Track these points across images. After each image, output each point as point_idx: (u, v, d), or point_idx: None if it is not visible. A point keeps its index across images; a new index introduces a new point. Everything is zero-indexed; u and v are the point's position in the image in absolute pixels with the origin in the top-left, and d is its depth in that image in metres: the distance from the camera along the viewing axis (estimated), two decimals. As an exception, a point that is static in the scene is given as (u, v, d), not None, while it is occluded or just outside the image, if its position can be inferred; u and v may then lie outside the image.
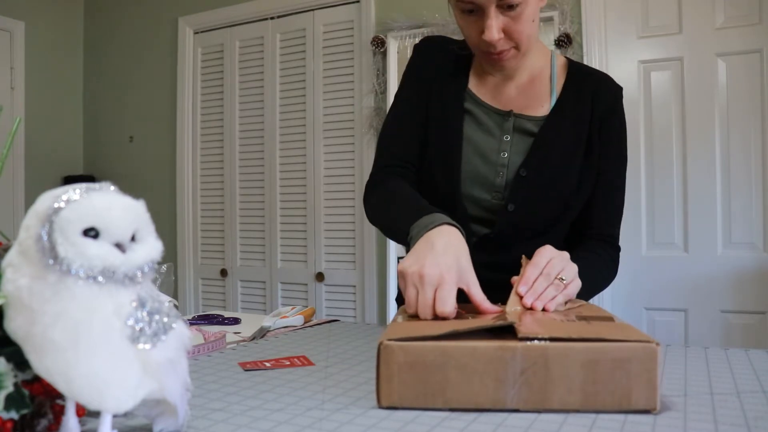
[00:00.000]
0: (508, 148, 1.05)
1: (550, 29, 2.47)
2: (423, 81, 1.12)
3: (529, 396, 0.61)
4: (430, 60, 1.13)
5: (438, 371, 0.62)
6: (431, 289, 0.77)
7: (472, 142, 1.07)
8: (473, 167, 1.06)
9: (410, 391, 0.62)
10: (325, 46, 3.00)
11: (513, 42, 0.98)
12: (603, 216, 1.08)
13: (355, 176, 2.92)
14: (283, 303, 3.08)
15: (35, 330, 0.44)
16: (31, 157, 3.43)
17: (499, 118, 1.07)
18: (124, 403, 0.47)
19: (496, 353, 0.61)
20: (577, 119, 1.06)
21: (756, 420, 0.58)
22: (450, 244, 0.82)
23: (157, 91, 3.47)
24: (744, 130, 2.28)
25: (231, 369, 0.82)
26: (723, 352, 0.88)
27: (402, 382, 0.62)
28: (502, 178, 1.04)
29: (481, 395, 0.61)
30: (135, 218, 0.48)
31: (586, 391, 0.60)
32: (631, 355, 0.60)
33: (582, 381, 0.60)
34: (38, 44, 3.49)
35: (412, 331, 0.66)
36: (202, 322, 1.24)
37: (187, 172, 3.36)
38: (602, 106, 1.06)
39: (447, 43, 1.16)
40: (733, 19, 2.29)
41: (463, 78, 1.11)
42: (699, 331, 2.31)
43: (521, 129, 1.06)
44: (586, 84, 1.08)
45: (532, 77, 1.09)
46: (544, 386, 0.61)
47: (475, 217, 1.07)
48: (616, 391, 0.60)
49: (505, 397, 0.61)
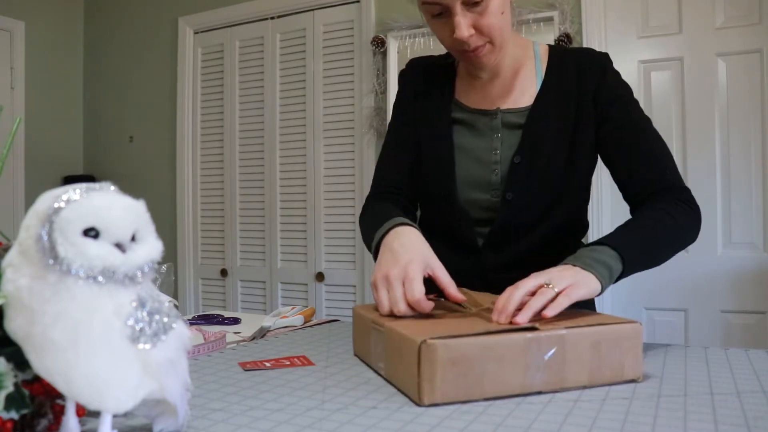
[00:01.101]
0: (499, 145, 1.07)
1: (550, 29, 2.47)
2: (409, 103, 1.16)
3: (550, 378, 0.68)
4: (414, 82, 1.17)
5: (478, 365, 0.65)
6: (399, 285, 0.82)
7: (463, 148, 1.09)
8: (469, 172, 1.07)
9: (452, 386, 0.65)
10: (325, 46, 3.00)
11: (486, 37, 0.98)
12: (646, 170, 1.01)
13: (355, 176, 2.92)
14: (283, 303, 3.08)
15: (35, 330, 0.44)
16: (31, 157, 3.43)
17: (486, 119, 1.08)
18: (124, 403, 0.47)
19: (527, 343, 0.68)
20: (564, 97, 1.05)
21: (756, 420, 0.58)
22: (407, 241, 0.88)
23: (157, 91, 3.46)
24: (744, 130, 2.28)
25: (231, 369, 0.82)
26: (723, 352, 0.88)
27: (444, 379, 0.64)
28: (498, 175, 1.06)
29: (514, 383, 0.67)
30: (135, 218, 0.48)
31: (592, 368, 0.70)
32: (624, 334, 0.72)
33: (590, 360, 0.70)
34: (38, 44, 3.49)
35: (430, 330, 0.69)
36: (202, 322, 1.24)
37: (187, 172, 3.36)
38: (591, 77, 1.05)
39: (429, 60, 1.19)
40: (733, 19, 2.29)
41: (449, 89, 1.13)
42: (699, 331, 2.31)
43: (509, 123, 1.07)
44: (568, 62, 1.08)
45: (516, 70, 1.09)
46: (562, 368, 0.69)
47: (478, 219, 1.08)
48: (613, 365, 0.71)
49: (532, 381, 0.68)
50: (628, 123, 1.03)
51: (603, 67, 1.06)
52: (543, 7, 2.47)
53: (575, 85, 1.06)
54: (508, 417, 0.60)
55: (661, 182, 1.00)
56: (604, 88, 1.05)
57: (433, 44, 2.65)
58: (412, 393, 0.66)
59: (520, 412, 0.62)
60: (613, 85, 1.06)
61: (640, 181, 1.01)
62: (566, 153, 1.05)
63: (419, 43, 2.70)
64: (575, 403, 0.65)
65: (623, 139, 1.03)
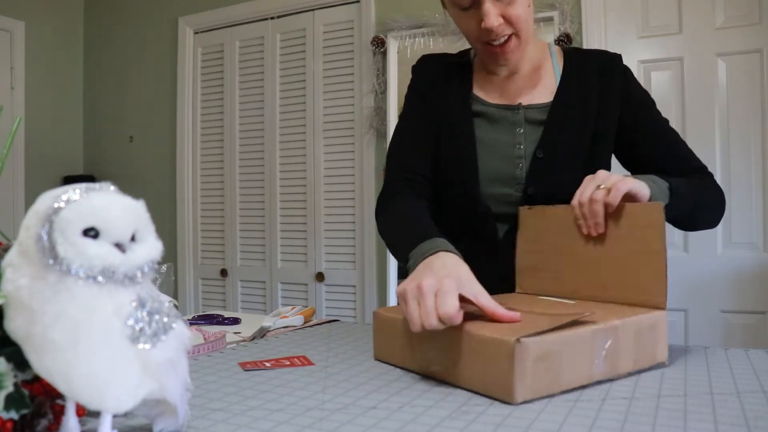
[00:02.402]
0: (523, 140, 1.07)
1: (550, 29, 2.47)
2: (425, 96, 1.14)
3: (606, 368, 0.72)
4: (429, 75, 1.16)
5: (558, 359, 0.68)
6: (431, 296, 0.74)
7: (486, 142, 1.09)
8: (492, 167, 1.08)
9: (539, 382, 0.66)
10: (325, 46, 3.00)
11: (512, 28, 1.00)
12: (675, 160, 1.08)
13: (355, 176, 2.92)
14: (283, 303, 3.08)
15: (35, 330, 0.44)
16: (31, 157, 3.43)
17: (509, 113, 1.09)
18: (124, 403, 0.47)
19: (593, 335, 0.71)
20: (583, 95, 1.08)
21: (756, 420, 0.58)
22: (447, 264, 0.81)
23: (157, 91, 3.46)
24: (744, 130, 2.28)
25: (231, 369, 0.82)
26: (723, 352, 0.88)
27: (534, 375, 0.66)
28: (522, 170, 1.07)
29: (583, 374, 0.70)
30: (135, 218, 0.48)
31: (634, 355, 0.75)
32: (656, 321, 0.78)
33: (633, 347, 0.75)
34: (38, 44, 3.49)
35: (509, 330, 0.70)
36: (202, 322, 1.24)
37: (187, 172, 3.36)
38: (614, 78, 1.10)
39: (444, 56, 1.19)
40: (733, 19, 2.29)
41: (467, 84, 1.13)
42: (699, 331, 2.31)
43: (532, 119, 1.08)
44: (586, 63, 1.11)
45: (534, 67, 1.12)
46: (616, 357, 0.73)
47: (500, 215, 1.08)
48: (647, 350, 0.77)
49: (594, 372, 0.71)
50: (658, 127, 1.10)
51: (623, 69, 1.12)
52: (543, 7, 2.47)
53: (597, 84, 1.09)
54: (508, 417, 0.60)
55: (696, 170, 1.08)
56: (630, 92, 1.10)
57: (433, 44, 2.65)
58: (498, 392, 0.66)
59: (520, 412, 0.62)
60: (637, 87, 1.12)
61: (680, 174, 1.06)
62: (587, 149, 1.07)
63: (419, 43, 2.70)
64: (575, 403, 0.65)
65: (656, 142, 1.09)
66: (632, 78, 1.13)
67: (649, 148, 1.09)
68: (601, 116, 1.08)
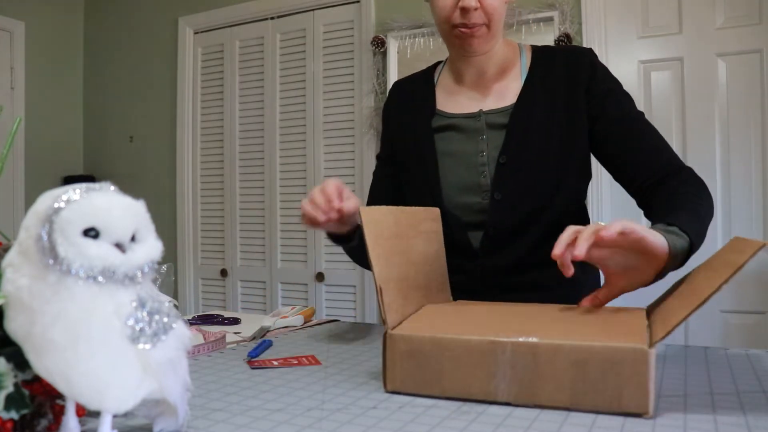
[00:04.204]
0: (485, 147, 1.07)
1: (550, 29, 2.47)
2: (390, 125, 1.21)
3: (519, 390, 0.63)
4: (395, 105, 1.21)
5: (434, 361, 0.66)
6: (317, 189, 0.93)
7: (450, 153, 1.09)
8: (457, 176, 1.08)
9: (411, 378, 0.67)
10: (325, 46, 3.00)
11: (485, 18, 1.01)
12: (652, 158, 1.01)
13: (355, 176, 2.92)
14: (283, 303, 3.08)
15: (35, 330, 0.44)
16: (31, 157, 3.43)
17: (470, 122, 1.09)
18: (124, 403, 0.47)
19: (488, 347, 0.64)
20: (549, 92, 1.05)
21: (756, 420, 0.58)
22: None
23: (157, 91, 3.46)
24: (744, 130, 2.28)
25: (231, 369, 0.82)
26: (723, 352, 0.88)
27: (403, 369, 0.67)
28: (486, 177, 1.06)
29: (474, 386, 0.65)
30: (135, 218, 0.48)
31: (576, 389, 0.61)
32: (621, 358, 0.60)
33: (571, 379, 0.61)
34: (38, 44, 3.49)
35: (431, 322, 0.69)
36: (202, 322, 1.24)
37: (187, 172, 3.36)
38: (581, 71, 1.05)
39: (411, 78, 1.22)
40: (733, 19, 2.29)
41: (431, 100, 1.14)
42: (699, 331, 2.31)
43: (493, 124, 1.07)
44: (553, 59, 1.09)
45: (502, 69, 1.10)
46: (534, 382, 0.63)
47: (470, 223, 1.08)
48: (606, 391, 0.60)
49: (496, 389, 0.64)
50: (625, 116, 1.04)
51: (591, 62, 1.07)
52: (543, 7, 2.47)
53: (564, 81, 1.06)
54: (508, 417, 0.60)
55: (668, 167, 1.00)
56: (596, 83, 1.05)
57: (432, 44, 2.65)
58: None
59: (520, 412, 0.62)
60: (603, 79, 1.06)
61: (647, 170, 1.00)
62: (556, 149, 1.04)
63: (419, 43, 2.70)
64: (575, 403, 0.64)
65: (624, 132, 1.03)
66: (601, 70, 1.06)
67: (617, 140, 1.02)
68: (569, 114, 1.04)
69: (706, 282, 0.63)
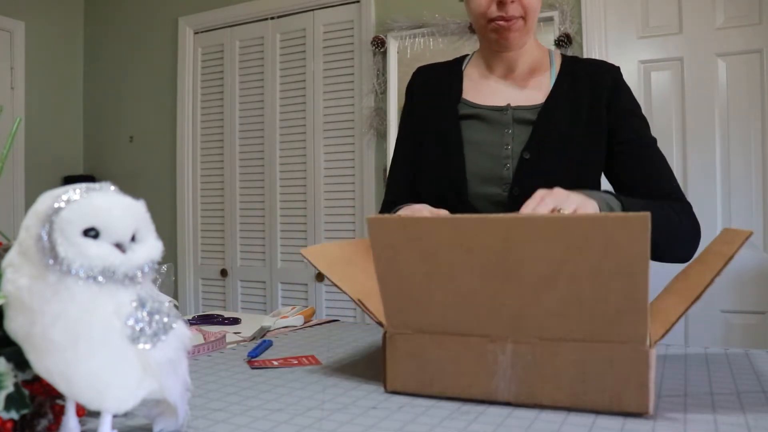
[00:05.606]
0: (510, 140, 1.08)
1: (550, 29, 2.47)
2: (415, 109, 1.19)
3: (519, 390, 0.63)
4: (419, 87, 1.20)
5: (434, 361, 0.66)
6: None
7: (474, 143, 1.10)
8: (480, 166, 1.09)
9: (411, 378, 0.67)
10: (325, 46, 3.00)
11: (522, 10, 1.03)
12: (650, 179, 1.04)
13: (355, 176, 2.92)
14: (283, 303, 3.08)
15: (35, 330, 0.44)
16: (31, 157, 3.43)
17: (497, 114, 1.10)
18: (124, 403, 0.47)
19: (488, 347, 0.64)
20: (575, 101, 1.08)
21: (756, 420, 0.58)
22: (414, 206, 1.00)
23: (157, 91, 3.46)
24: (744, 130, 2.28)
25: (231, 369, 0.82)
26: (723, 352, 0.88)
27: (404, 369, 0.67)
28: (509, 170, 1.07)
29: (474, 386, 0.65)
30: (135, 218, 0.48)
31: (575, 389, 0.61)
32: (621, 357, 0.59)
33: (571, 379, 0.61)
34: (38, 44, 3.49)
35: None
36: (202, 322, 1.24)
37: (187, 172, 3.36)
38: (604, 89, 1.08)
39: (436, 65, 1.22)
40: (733, 19, 2.29)
41: (457, 88, 1.15)
42: (699, 331, 2.31)
43: (521, 119, 1.09)
44: (581, 70, 1.11)
45: (531, 69, 1.13)
46: (534, 382, 0.63)
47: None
48: (606, 391, 0.60)
49: (496, 389, 0.64)
50: (639, 139, 1.07)
51: (615, 79, 1.10)
52: (543, 7, 2.46)
53: (588, 94, 1.08)
54: (508, 417, 0.60)
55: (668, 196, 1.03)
56: (617, 102, 1.08)
57: (433, 44, 2.65)
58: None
59: (520, 412, 0.62)
60: (624, 99, 1.09)
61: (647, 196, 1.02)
62: (578, 156, 1.06)
63: (419, 43, 2.70)
64: (575, 403, 0.64)
65: (633, 155, 1.06)
66: (624, 89, 1.10)
67: (626, 161, 1.06)
68: (592, 128, 1.07)
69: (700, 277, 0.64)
